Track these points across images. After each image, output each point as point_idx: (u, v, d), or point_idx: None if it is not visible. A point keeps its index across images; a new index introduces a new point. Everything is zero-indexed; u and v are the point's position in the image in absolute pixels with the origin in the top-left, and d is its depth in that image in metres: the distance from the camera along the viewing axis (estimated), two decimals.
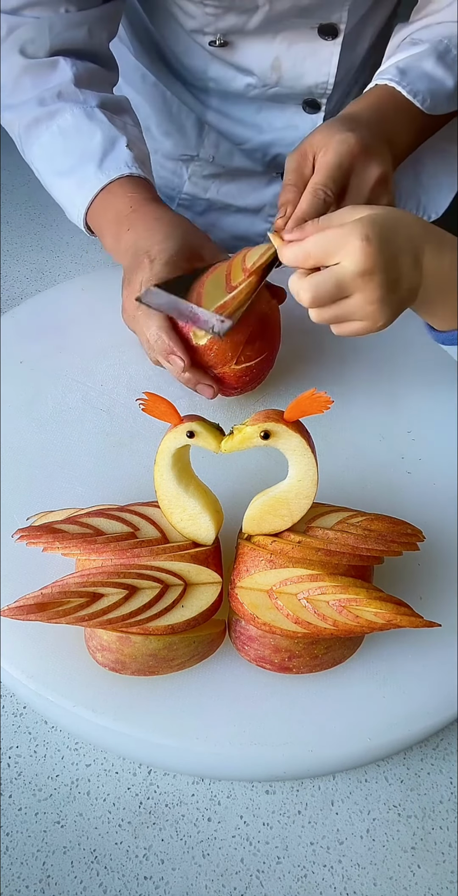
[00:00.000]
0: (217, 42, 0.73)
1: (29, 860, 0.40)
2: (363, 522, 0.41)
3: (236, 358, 0.51)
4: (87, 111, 0.62)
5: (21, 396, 0.57)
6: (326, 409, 0.36)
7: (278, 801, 0.42)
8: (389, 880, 0.39)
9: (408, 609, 0.38)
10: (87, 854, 0.40)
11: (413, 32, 0.65)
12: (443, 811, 0.42)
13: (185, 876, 0.39)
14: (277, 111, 0.81)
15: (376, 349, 0.63)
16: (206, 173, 0.88)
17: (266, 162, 0.86)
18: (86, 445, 0.53)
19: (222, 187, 0.89)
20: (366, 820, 0.41)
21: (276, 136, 0.83)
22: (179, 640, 0.39)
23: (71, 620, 0.37)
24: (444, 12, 0.64)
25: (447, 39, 0.62)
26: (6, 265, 0.81)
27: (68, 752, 0.44)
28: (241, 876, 0.39)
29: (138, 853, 0.40)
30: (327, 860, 0.40)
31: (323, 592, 0.38)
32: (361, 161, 0.54)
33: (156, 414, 0.38)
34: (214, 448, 0.38)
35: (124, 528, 0.41)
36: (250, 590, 0.39)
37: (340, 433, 0.55)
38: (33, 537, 0.40)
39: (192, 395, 0.58)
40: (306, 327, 0.56)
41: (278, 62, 0.74)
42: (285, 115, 0.81)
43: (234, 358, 0.51)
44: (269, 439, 0.37)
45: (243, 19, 0.70)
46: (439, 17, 0.65)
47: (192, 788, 0.42)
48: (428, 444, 0.55)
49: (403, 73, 0.60)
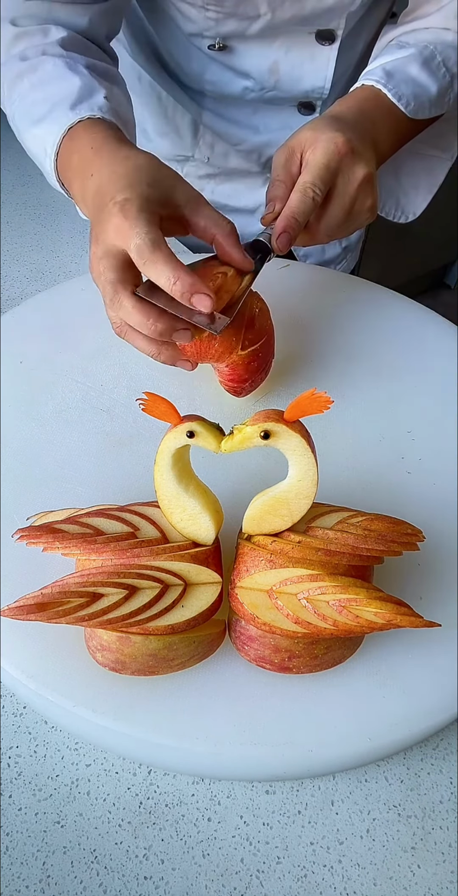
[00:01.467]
0: (217, 46, 0.73)
1: (29, 860, 0.40)
2: (363, 522, 0.41)
3: (241, 343, 0.51)
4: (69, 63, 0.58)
5: (21, 396, 0.57)
6: (326, 409, 0.36)
7: (278, 801, 0.42)
8: (389, 880, 0.39)
9: (408, 609, 0.38)
10: (87, 854, 0.40)
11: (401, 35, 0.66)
12: (443, 811, 0.42)
13: (185, 876, 0.39)
14: (272, 113, 0.81)
15: (377, 349, 0.63)
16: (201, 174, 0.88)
17: (262, 163, 0.86)
18: (86, 445, 0.53)
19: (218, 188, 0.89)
20: (366, 820, 0.41)
21: (271, 136, 0.83)
22: (179, 640, 0.39)
23: (71, 620, 0.37)
24: (431, 18, 0.65)
25: (433, 45, 0.63)
26: (6, 265, 0.81)
27: (68, 752, 0.44)
28: (241, 876, 0.39)
29: (138, 853, 0.40)
30: (327, 860, 0.40)
31: (323, 592, 0.38)
32: (347, 161, 0.54)
33: (156, 414, 0.38)
34: (215, 448, 0.38)
35: (124, 528, 0.41)
36: (250, 590, 0.39)
37: (340, 433, 0.55)
38: (33, 537, 0.40)
39: (192, 395, 0.58)
40: (306, 327, 0.57)
41: (276, 66, 0.75)
42: (280, 116, 0.81)
43: (239, 342, 0.51)
44: (269, 439, 0.37)
45: (244, 25, 0.70)
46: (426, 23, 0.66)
47: (192, 788, 0.42)
48: (428, 444, 0.55)
49: (389, 75, 0.60)
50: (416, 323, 0.66)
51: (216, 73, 0.77)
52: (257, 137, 0.83)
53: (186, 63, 0.79)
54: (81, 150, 0.53)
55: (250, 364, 0.53)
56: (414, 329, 0.66)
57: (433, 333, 0.65)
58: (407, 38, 0.65)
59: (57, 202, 0.91)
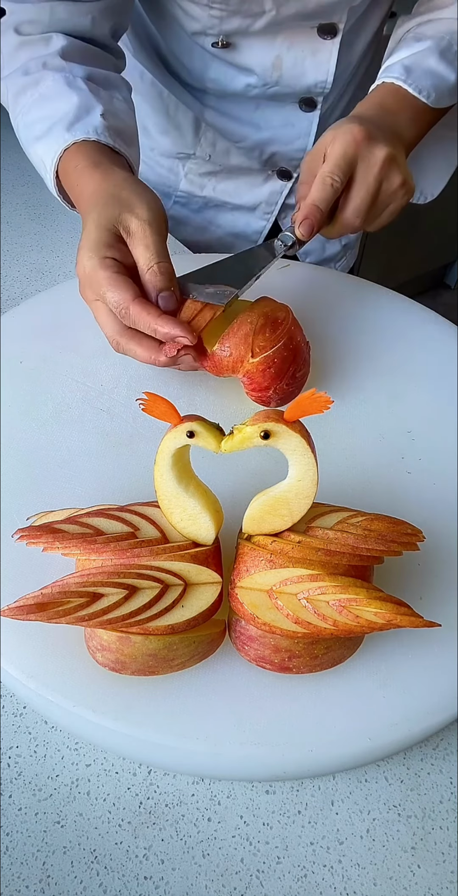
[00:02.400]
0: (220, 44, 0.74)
1: (29, 860, 0.40)
2: (363, 522, 0.41)
3: (251, 350, 0.52)
4: (68, 79, 0.61)
5: (21, 396, 0.57)
6: (326, 409, 0.36)
7: (278, 801, 0.42)
8: (389, 880, 0.39)
9: (408, 609, 0.38)
10: (87, 854, 0.40)
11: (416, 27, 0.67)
12: (443, 811, 0.42)
13: (185, 876, 0.39)
14: (274, 109, 0.82)
15: (376, 349, 0.63)
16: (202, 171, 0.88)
17: (263, 160, 0.86)
18: (86, 445, 0.53)
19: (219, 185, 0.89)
20: (366, 820, 0.41)
21: (273, 133, 0.83)
22: (179, 640, 0.39)
23: (71, 620, 0.37)
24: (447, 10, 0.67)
25: (449, 35, 0.65)
26: (6, 265, 0.81)
27: (68, 752, 0.44)
28: (241, 876, 0.39)
29: (138, 853, 0.40)
30: (327, 860, 0.40)
31: (323, 592, 0.38)
32: (365, 147, 0.56)
33: (156, 414, 0.38)
34: (214, 448, 0.38)
35: (124, 528, 0.41)
36: (250, 590, 0.39)
37: (340, 433, 0.55)
38: (33, 537, 0.40)
39: (192, 395, 0.58)
40: (306, 327, 0.57)
41: (278, 61, 0.75)
42: (282, 112, 0.82)
43: (248, 349, 0.52)
44: (269, 439, 0.37)
45: (248, 22, 0.71)
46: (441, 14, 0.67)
47: (192, 788, 0.42)
48: (428, 444, 0.55)
49: (408, 71, 0.62)
50: (416, 323, 0.66)
51: (219, 70, 0.78)
52: (259, 134, 0.83)
53: (189, 61, 0.79)
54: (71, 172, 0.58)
55: (266, 371, 0.52)
56: (414, 329, 0.66)
57: (433, 333, 0.65)
58: (423, 29, 0.66)
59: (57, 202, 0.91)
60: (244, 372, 0.53)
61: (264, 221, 0.92)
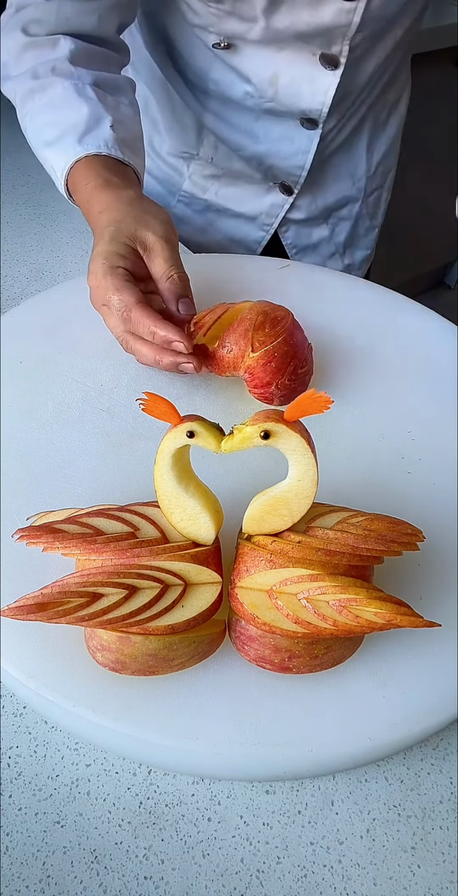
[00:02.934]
0: (222, 45, 0.74)
1: (29, 860, 0.40)
2: (363, 522, 0.41)
3: (251, 344, 0.52)
4: (77, 86, 0.62)
5: (21, 396, 0.57)
6: (326, 409, 0.36)
7: (278, 801, 0.42)
8: (389, 880, 0.39)
9: (408, 609, 0.38)
10: (87, 854, 0.40)
11: None
12: (443, 811, 0.42)
13: (185, 876, 0.39)
14: (274, 122, 0.81)
15: (376, 349, 0.63)
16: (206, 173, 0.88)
17: (263, 171, 0.86)
18: (86, 445, 0.53)
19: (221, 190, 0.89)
20: (366, 820, 0.41)
21: (271, 146, 0.83)
22: (179, 640, 0.39)
23: (71, 620, 0.37)
24: None
25: None
26: (6, 265, 0.81)
27: (68, 752, 0.44)
28: (241, 876, 0.39)
29: (138, 853, 0.40)
30: (327, 860, 0.40)
31: (323, 592, 0.38)
32: None
33: (156, 414, 0.38)
34: (214, 448, 0.38)
35: (124, 528, 0.41)
36: (250, 590, 0.39)
37: (340, 433, 0.55)
38: (33, 537, 0.40)
39: (192, 395, 0.58)
40: (305, 327, 0.57)
41: (276, 77, 0.75)
42: (281, 127, 0.81)
43: (248, 344, 0.52)
44: (269, 439, 0.37)
45: (244, 27, 0.71)
46: None
47: (192, 788, 0.42)
48: (428, 444, 0.55)
49: None
50: (416, 323, 0.67)
51: (220, 72, 0.78)
52: (257, 146, 0.83)
53: (192, 58, 0.79)
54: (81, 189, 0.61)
55: (266, 365, 0.52)
56: (414, 329, 0.66)
57: (433, 333, 0.65)
58: None
59: (57, 202, 0.91)
60: (246, 368, 0.53)
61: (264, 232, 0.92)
